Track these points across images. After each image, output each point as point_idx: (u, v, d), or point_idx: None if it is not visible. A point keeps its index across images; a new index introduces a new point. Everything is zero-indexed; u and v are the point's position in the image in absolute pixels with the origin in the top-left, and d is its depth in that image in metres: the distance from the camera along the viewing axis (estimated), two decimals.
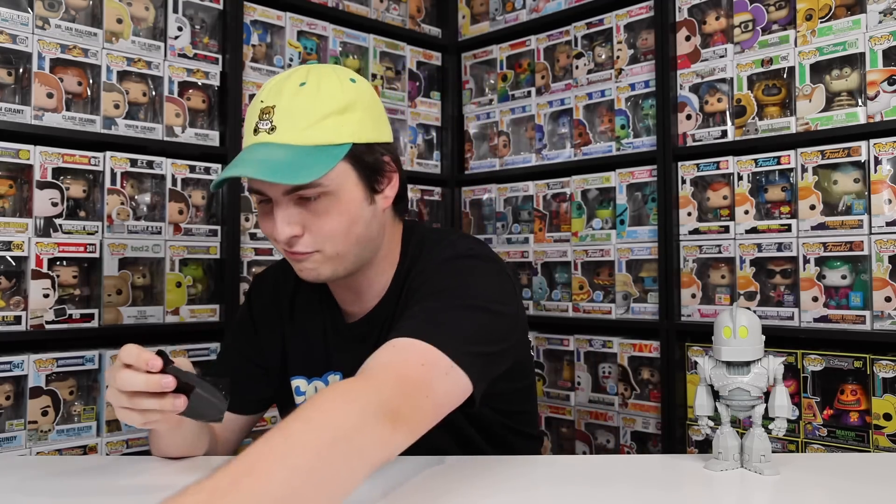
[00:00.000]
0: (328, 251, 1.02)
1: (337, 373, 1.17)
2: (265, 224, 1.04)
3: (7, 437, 1.54)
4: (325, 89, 1.00)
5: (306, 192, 0.98)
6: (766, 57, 1.79)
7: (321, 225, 1.00)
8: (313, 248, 1.02)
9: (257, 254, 1.98)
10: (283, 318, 1.23)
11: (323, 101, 0.99)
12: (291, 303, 1.23)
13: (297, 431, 0.73)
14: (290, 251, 1.03)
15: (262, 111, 0.99)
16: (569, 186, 2.17)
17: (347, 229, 1.02)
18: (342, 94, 1.00)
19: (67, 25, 1.67)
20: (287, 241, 1.01)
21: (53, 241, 1.61)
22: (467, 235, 1.30)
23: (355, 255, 1.06)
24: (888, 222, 1.60)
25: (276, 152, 0.96)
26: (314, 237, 1.01)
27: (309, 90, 0.99)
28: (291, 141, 0.97)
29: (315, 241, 1.01)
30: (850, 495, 0.94)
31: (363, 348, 0.99)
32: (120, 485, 0.99)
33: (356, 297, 1.15)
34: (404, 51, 2.35)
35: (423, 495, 0.92)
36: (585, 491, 0.97)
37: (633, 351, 2.01)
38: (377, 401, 0.80)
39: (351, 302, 1.16)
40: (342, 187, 1.00)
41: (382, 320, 1.13)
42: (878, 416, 1.58)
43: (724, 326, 0.98)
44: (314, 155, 0.96)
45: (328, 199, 0.99)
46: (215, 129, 1.92)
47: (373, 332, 1.13)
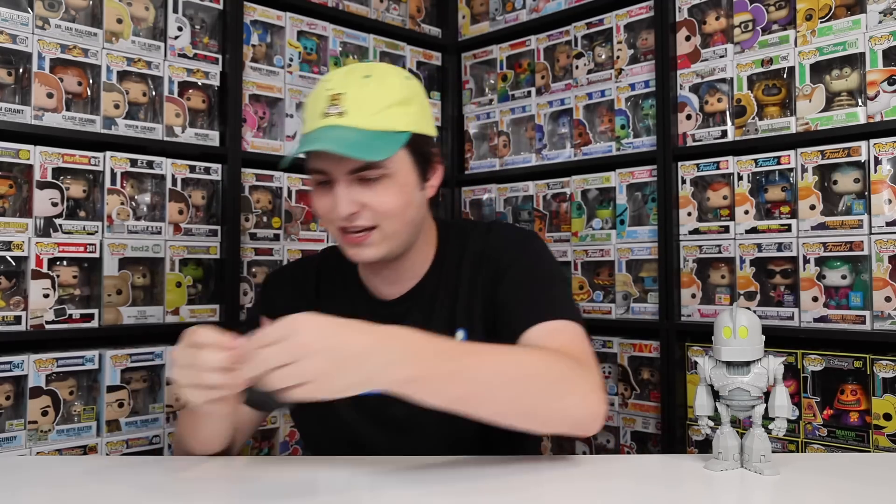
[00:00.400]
0: (386, 229, 1.10)
1: None
2: (322, 203, 1.11)
3: (7, 437, 1.54)
4: (388, 82, 1.10)
5: (369, 172, 1.07)
6: (766, 57, 1.79)
7: (380, 202, 1.08)
8: (372, 222, 1.09)
9: (257, 254, 1.98)
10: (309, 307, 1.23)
11: (387, 92, 1.09)
12: (316, 292, 1.27)
13: (539, 359, 0.99)
14: (348, 230, 1.10)
15: (332, 97, 1.07)
16: (569, 186, 2.17)
17: (403, 209, 1.11)
18: (403, 87, 1.11)
19: (67, 25, 1.67)
20: (347, 217, 1.08)
21: (53, 241, 1.62)
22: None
23: (406, 236, 1.14)
24: (888, 222, 1.60)
25: (348, 133, 1.04)
26: (373, 213, 1.08)
27: (375, 82, 1.09)
28: (361, 125, 1.05)
29: (374, 217, 1.09)
30: (850, 495, 0.94)
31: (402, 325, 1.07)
32: (120, 485, 0.99)
33: (396, 279, 1.21)
34: (404, 51, 2.35)
35: (424, 495, 0.92)
36: (585, 491, 0.97)
37: (633, 351, 2.01)
38: (587, 374, 1.02)
39: (389, 284, 1.22)
40: (400, 171, 1.10)
41: (425, 299, 1.20)
42: (878, 416, 1.58)
43: (724, 326, 0.98)
44: (381, 138, 1.06)
45: (387, 180, 1.08)
46: (215, 129, 1.92)
47: (412, 310, 1.19)
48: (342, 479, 1.00)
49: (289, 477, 1.02)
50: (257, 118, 2.01)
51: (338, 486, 0.98)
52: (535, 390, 0.97)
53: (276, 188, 2.03)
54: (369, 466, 1.03)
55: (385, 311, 1.21)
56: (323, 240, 2.11)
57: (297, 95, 2.08)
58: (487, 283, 1.17)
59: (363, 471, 1.02)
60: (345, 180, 1.07)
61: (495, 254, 1.18)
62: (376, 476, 1.00)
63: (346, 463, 1.07)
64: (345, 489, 0.97)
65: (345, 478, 1.01)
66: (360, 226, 1.09)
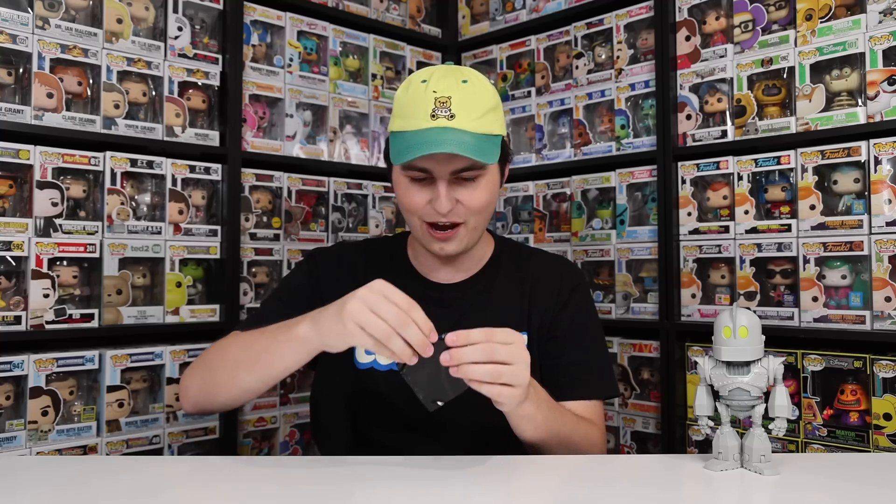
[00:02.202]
0: (471, 224, 1.20)
1: None
2: (417, 198, 1.19)
3: (7, 437, 1.54)
4: (481, 88, 1.19)
5: (470, 173, 1.16)
6: (766, 57, 1.79)
7: (474, 200, 1.18)
8: (463, 218, 1.19)
9: (257, 254, 1.98)
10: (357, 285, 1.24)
11: (484, 98, 1.18)
12: (365, 272, 1.31)
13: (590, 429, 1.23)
14: (438, 225, 1.19)
15: (439, 100, 1.14)
16: (569, 186, 2.17)
17: (490, 207, 1.22)
18: (493, 93, 1.22)
19: (67, 25, 1.67)
20: (446, 213, 1.17)
21: (53, 241, 1.62)
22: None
23: (483, 231, 1.26)
24: (888, 222, 1.60)
25: (462, 136, 1.13)
26: (466, 210, 1.18)
27: (472, 88, 1.17)
28: (469, 128, 1.14)
29: (466, 213, 1.19)
30: (850, 495, 0.94)
31: (451, 311, 1.25)
32: (120, 485, 0.99)
33: (452, 267, 1.30)
34: (404, 51, 2.35)
35: (423, 493, 0.92)
36: (585, 491, 0.97)
37: (633, 351, 2.01)
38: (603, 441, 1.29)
39: (445, 271, 1.31)
40: (492, 171, 1.21)
41: (478, 290, 1.30)
42: (878, 416, 1.58)
43: (724, 326, 0.98)
44: (489, 141, 1.16)
45: (482, 179, 1.18)
46: (215, 129, 1.92)
47: (465, 298, 1.29)
48: (342, 479, 1.00)
49: (289, 477, 1.02)
50: (257, 118, 2.01)
51: (338, 485, 0.98)
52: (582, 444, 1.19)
53: (276, 188, 2.03)
54: (369, 466, 1.03)
55: (435, 293, 1.29)
56: (322, 240, 2.11)
57: (297, 95, 2.08)
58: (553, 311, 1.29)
59: (363, 471, 1.02)
60: (447, 179, 1.16)
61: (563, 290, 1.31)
62: (376, 476, 1.00)
63: (346, 463, 1.07)
64: (345, 489, 0.97)
65: (345, 478, 1.01)
66: (452, 221, 1.18)
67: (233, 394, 1.17)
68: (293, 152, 2.08)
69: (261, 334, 1.14)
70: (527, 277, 1.32)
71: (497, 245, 1.36)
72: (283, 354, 1.08)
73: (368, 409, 1.27)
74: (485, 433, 1.19)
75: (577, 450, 1.18)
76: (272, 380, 1.14)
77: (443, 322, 1.21)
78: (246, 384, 1.14)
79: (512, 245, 1.41)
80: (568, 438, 1.16)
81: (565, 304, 1.30)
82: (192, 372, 1.24)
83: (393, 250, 1.35)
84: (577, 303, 1.31)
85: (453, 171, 1.16)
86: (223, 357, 1.19)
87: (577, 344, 1.29)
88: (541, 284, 1.31)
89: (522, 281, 1.31)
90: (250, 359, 1.12)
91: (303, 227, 2.09)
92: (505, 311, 1.28)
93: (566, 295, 1.31)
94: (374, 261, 1.34)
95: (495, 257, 1.34)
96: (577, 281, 1.35)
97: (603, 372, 1.32)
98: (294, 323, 1.07)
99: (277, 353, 1.09)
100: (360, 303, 0.97)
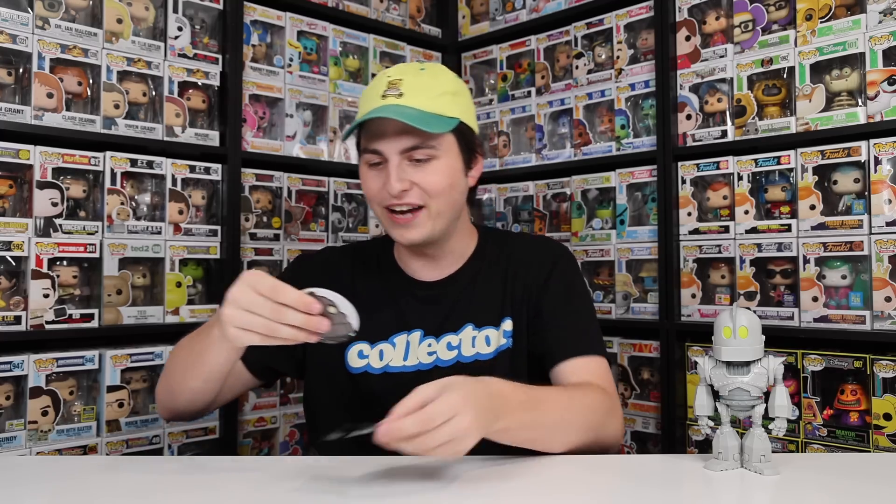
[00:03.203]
0: (432, 208, 1.18)
1: (414, 331, 1.25)
2: (373, 183, 1.19)
3: (7, 437, 1.54)
4: (441, 76, 1.22)
5: (420, 152, 1.15)
6: (766, 57, 1.79)
7: (429, 181, 1.16)
8: (420, 201, 1.17)
9: (257, 254, 1.98)
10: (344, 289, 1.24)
11: (440, 83, 1.20)
12: (352, 274, 1.31)
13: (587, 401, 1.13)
14: (396, 208, 1.17)
15: (390, 83, 1.17)
16: (569, 186, 2.17)
17: (449, 190, 1.19)
18: (455, 81, 1.23)
19: (67, 25, 1.67)
20: (398, 194, 1.15)
21: (53, 241, 1.61)
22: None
23: (449, 219, 1.22)
24: (888, 222, 1.60)
25: (406, 109, 1.14)
26: (422, 192, 1.16)
27: (429, 74, 1.20)
28: (416, 105, 1.14)
29: (422, 196, 1.17)
30: (850, 495, 0.94)
31: (439, 308, 1.25)
32: (120, 485, 0.99)
33: (434, 263, 1.28)
34: (404, 51, 2.35)
35: (422, 493, 0.92)
36: (586, 491, 0.97)
37: (633, 351, 2.01)
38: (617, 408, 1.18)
39: (428, 268, 1.29)
40: (448, 154, 1.19)
41: (464, 284, 1.28)
42: (878, 416, 1.58)
43: (724, 326, 0.98)
44: (436, 118, 1.16)
45: (436, 161, 1.17)
46: (215, 129, 1.92)
47: (451, 293, 1.27)
48: (342, 479, 1.00)
49: (289, 477, 1.02)
50: (257, 118, 2.01)
51: (338, 485, 0.98)
52: (586, 428, 1.11)
53: (276, 188, 2.03)
54: (369, 466, 1.03)
55: (422, 291, 1.28)
56: (323, 240, 2.11)
57: (297, 95, 2.08)
58: (537, 286, 1.26)
59: (363, 471, 1.02)
60: (397, 160, 1.16)
61: (545, 263, 1.28)
62: (376, 476, 1.00)
63: (346, 463, 1.07)
64: (345, 489, 0.97)
65: (345, 477, 1.01)
66: (409, 204, 1.16)
67: (186, 397, 1.18)
68: (293, 152, 2.08)
69: (197, 335, 1.15)
70: (510, 262, 1.30)
71: (481, 237, 1.34)
72: (212, 355, 1.09)
73: (364, 412, 1.26)
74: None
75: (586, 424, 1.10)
76: (213, 380, 1.14)
77: (431, 319, 1.25)
78: (193, 385, 1.15)
79: (496, 234, 1.39)
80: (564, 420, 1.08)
81: (547, 278, 1.27)
82: (160, 377, 1.25)
83: (380, 251, 1.34)
84: (559, 274, 1.28)
85: (402, 149, 1.15)
86: (174, 361, 1.20)
87: (562, 310, 1.26)
88: (523, 266, 1.29)
89: (506, 267, 1.29)
90: (189, 361, 1.14)
91: (303, 227, 2.09)
92: (490, 302, 1.27)
93: (548, 270, 1.28)
94: (361, 264, 1.34)
95: (479, 250, 1.32)
96: (559, 254, 1.32)
97: (589, 332, 1.26)
98: (211, 324, 1.08)
99: (208, 353, 1.10)
100: (232, 306, 0.95)
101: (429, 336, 1.24)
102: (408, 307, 1.27)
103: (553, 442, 1.07)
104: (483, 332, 1.25)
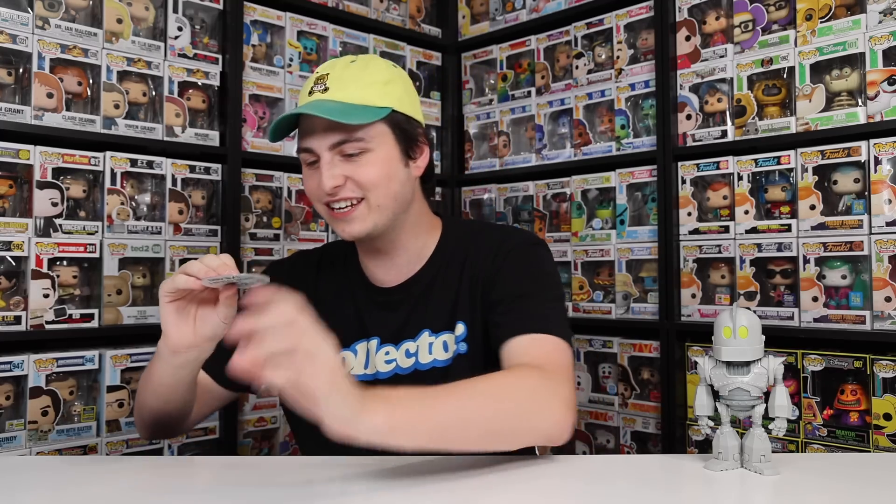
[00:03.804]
0: (371, 201, 1.14)
1: (372, 338, 1.22)
2: (311, 182, 1.17)
3: (7, 437, 1.54)
4: (371, 66, 1.18)
5: (349, 146, 1.13)
6: (766, 57, 1.79)
7: (362, 174, 1.13)
8: (357, 194, 1.14)
9: (257, 254, 1.98)
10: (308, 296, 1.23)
11: (370, 73, 1.16)
12: (316, 277, 1.29)
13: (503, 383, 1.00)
14: (334, 204, 1.15)
15: (317, 78, 1.15)
16: (569, 186, 2.17)
17: (387, 181, 1.15)
18: (386, 70, 1.19)
19: (67, 25, 1.67)
20: (331, 191, 1.13)
21: (53, 241, 1.61)
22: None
23: (392, 212, 1.17)
24: (888, 222, 1.60)
25: (328, 104, 1.12)
26: (356, 184, 1.14)
27: (358, 65, 1.17)
28: (340, 98, 1.13)
29: (358, 188, 1.14)
30: (850, 495, 0.94)
31: (397, 315, 1.21)
32: (120, 485, 0.99)
33: (390, 263, 1.24)
34: (404, 51, 2.35)
35: (420, 494, 0.92)
36: (585, 491, 0.97)
37: (633, 351, 2.01)
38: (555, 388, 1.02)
39: (385, 270, 1.25)
40: (381, 146, 1.15)
41: (421, 289, 1.22)
42: (878, 416, 1.58)
43: (724, 326, 0.98)
44: (361, 109, 1.12)
45: (369, 154, 1.14)
46: (215, 129, 1.92)
47: (409, 299, 1.22)
48: (342, 479, 1.00)
49: (289, 477, 1.02)
50: (257, 118, 2.01)
51: (338, 485, 0.98)
52: (503, 416, 0.97)
53: (276, 188, 2.03)
54: (368, 467, 1.03)
55: (381, 297, 1.24)
56: (323, 240, 2.11)
57: (297, 95, 2.08)
58: (487, 280, 1.19)
59: (362, 471, 1.02)
60: (328, 156, 1.13)
61: (499, 254, 1.20)
62: (375, 476, 1.00)
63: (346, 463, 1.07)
64: (345, 489, 0.97)
65: (345, 478, 1.01)
66: (346, 197, 1.14)
67: (146, 414, 1.16)
68: (293, 152, 2.07)
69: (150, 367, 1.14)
70: (466, 260, 1.22)
71: (444, 233, 1.27)
72: (156, 369, 1.10)
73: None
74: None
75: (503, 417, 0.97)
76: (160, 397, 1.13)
77: (389, 326, 1.21)
78: (154, 405, 1.14)
79: (461, 228, 1.30)
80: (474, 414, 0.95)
81: (498, 270, 1.18)
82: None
83: (347, 254, 1.30)
84: (511, 263, 1.19)
85: (330, 145, 1.13)
86: (141, 383, 1.18)
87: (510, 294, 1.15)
88: (478, 261, 1.21)
89: (462, 266, 1.22)
90: (149, 382, 1.13)
91: (303, 227, 2.09)
92: (444, 306, 1.21)
93: (500, 260, 1.19)
94: (329, 264, 1.31)
95: (440, 248, 1.25)
96: (515, 243, 1.21)
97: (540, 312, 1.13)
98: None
99: (153, 368, 1.10)
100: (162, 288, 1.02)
101: (387, 343, 1.21)
102: (366, 312, 1.24)
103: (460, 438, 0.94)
104: (440, 337, 1.20)
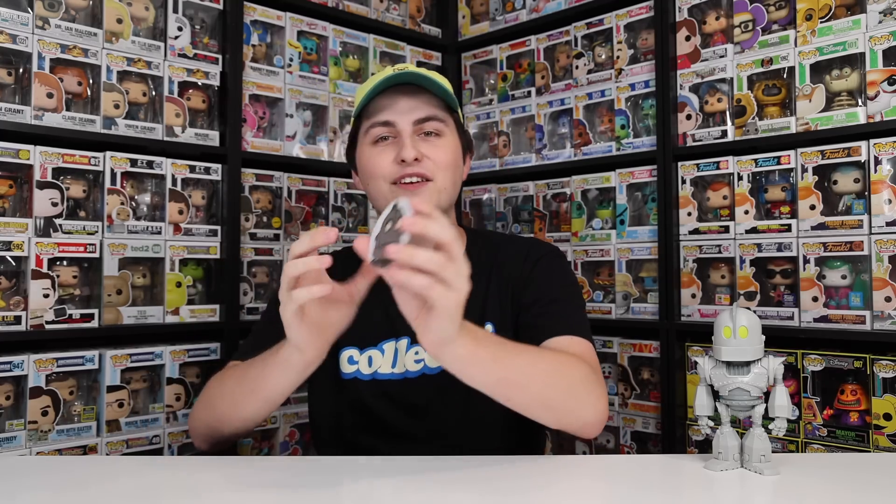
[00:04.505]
0: (438, 182, 1.21)
1: (402, 338, 1.25)
2: (381, 158, 1.21)
3: (7, 437, 1.54)
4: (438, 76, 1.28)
5: (431, 125, 1.21)
6: (766, 57, 1.79)
7: (439, 153, 1.21)
8: (431, 173, 1.20)
9: (257, 254, 1.98)
10: None
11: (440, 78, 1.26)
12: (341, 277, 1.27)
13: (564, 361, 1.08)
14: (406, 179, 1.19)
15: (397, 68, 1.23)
16: (569, 186, 2.17)
17: (454, 168, 1.24)
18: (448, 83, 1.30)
19: (67, 25, 1.67)
20: (411, 162, 1.18)
21: (53, 241, 1.62)
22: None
23: (448, 200, 1.25)
24: (888, 222, 1.60)
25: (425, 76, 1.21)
26: (432, 163, 1.20)
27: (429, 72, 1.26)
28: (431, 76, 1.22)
29: (433, 168, 1.21)
30: (850, 495, 0.94)
31: None
32: (120, 485, 0.99)
33: None
34: (404, 51, 2.35)
35: (422, 494, 0.92)
36: (585, 491, 0.97)
37: (633, 351, 2.01)
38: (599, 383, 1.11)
39: None
40: (452, 134, 1.26)
41: None
42: (878, 416, 1.58)
43: (724, 326, 0.98)
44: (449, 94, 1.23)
45: (444, 138, 1.23)
46: (215, 129, 1.92)
47: None
48: (342, 479, 1.00)
49: (289, 477, 1.02)
50: (257, 118, 2.01)
51: (337, 485, 0.98)
52: (562, 386, 1.05)
53: (276, 188, 2.03)
54: (367, 466, 1.04)
55: None
56: None
57: (297, 95, 2.08)
58: (518, 283, 1.26)
59: (362, 471, 1.02)
60: (409, 131, 1.20)
61: (528, 260, 1.28)
62: (375, 476, 1.00)
63: (345, 463, 1.08)
64: (345, 489, 0.97)
65: (344, 478, 1.01)
66: (418, 173, 1.19)
67: (236, 425, 1.17)
68: (293, 152, 2.08)
69: (252, 364, 1.14)
70: (494, 263, 1.29)
71: (469, 240, 1.33)
72: (275, 379, 1.08)
73: (354, 417, 1.26)
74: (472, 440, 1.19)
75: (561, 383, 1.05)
76: (271, 405, 1.13)
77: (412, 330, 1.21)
78: (247, 413, 1.15)
79: (484, 236, 1.39)
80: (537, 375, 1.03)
81: (531, 272, 1.27)
82: (196, 410, 1.24)
83: None
84: (544, 268, 1.28)
85: (415, 119, 1.20)
86: (221, 391, 1.19)
87: (546, 298, 1.24)
88: (508, 264, 1.28)
89: (490, 269, 1.28)
90: (246, 389, 1.13)
91: (303, 227, 2.09)
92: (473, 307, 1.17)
93: (532, 264, 1.27)
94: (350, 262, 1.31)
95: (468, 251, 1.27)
96: (545, 251, 1.31)
97: (575, 318, 1.23)
98: (279, 346, 1.07)
99: (270, 378, 1.09)
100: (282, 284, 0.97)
101: (417, 343, 1.22)
102: (396, 312, 1.24)
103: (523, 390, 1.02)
104: None
